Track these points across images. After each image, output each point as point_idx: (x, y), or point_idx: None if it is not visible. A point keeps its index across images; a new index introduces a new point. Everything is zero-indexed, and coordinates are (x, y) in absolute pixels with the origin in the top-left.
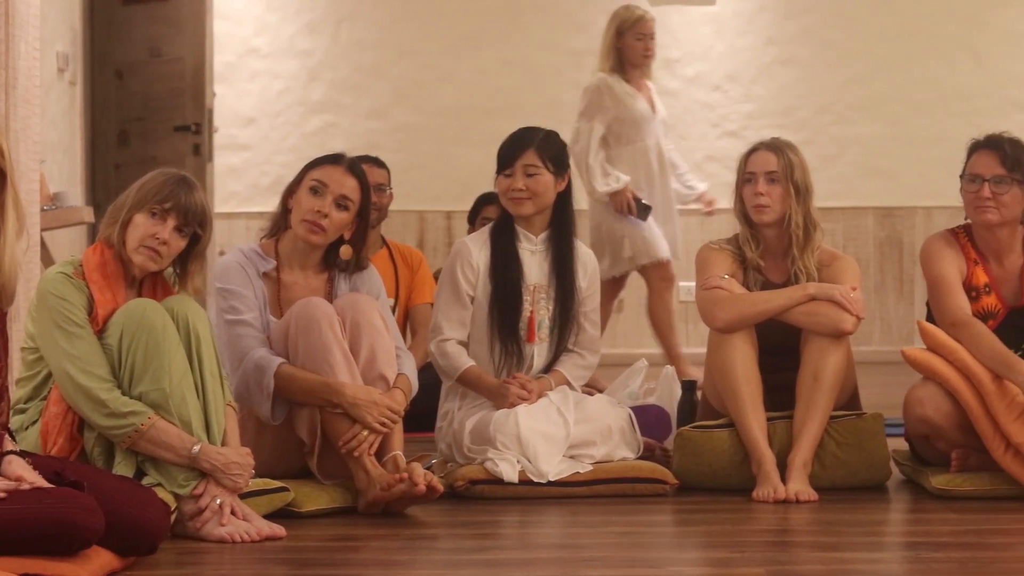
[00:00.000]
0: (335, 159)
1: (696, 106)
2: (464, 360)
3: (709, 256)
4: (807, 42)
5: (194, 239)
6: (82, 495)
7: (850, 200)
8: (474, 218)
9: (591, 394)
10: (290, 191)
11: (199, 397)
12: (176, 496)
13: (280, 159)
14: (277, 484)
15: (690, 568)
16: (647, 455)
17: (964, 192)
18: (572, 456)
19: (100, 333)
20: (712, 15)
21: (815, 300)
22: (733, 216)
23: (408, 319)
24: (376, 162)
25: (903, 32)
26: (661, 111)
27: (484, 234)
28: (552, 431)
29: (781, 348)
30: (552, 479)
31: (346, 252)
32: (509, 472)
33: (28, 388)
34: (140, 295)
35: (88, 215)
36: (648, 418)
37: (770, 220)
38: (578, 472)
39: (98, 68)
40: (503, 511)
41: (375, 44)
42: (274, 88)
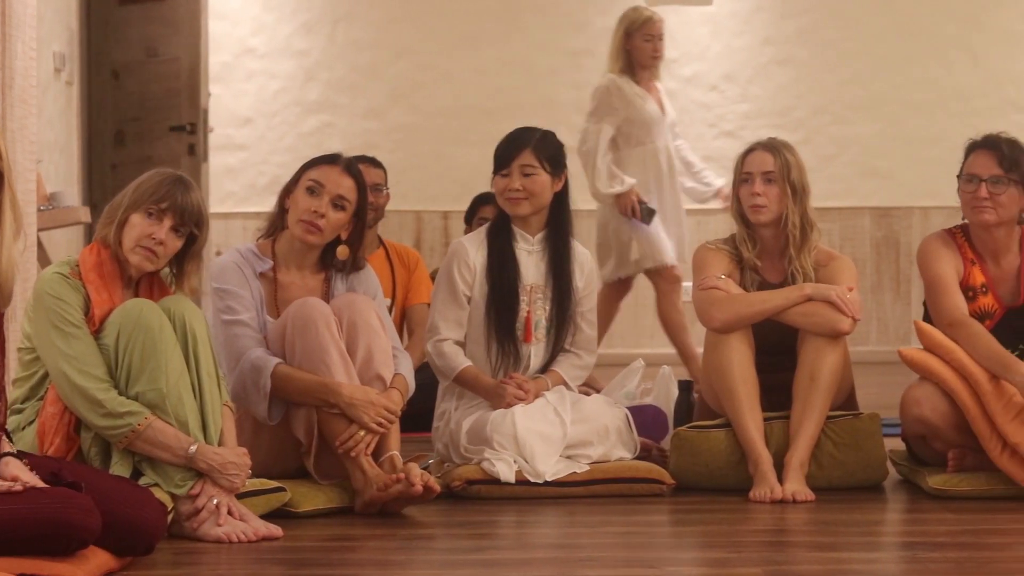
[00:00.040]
0: (332, 159)
1: (693, 106)
2: (461, 360)
3: (706, 256)
4: (804, 42)
5: (190, 239)
6: (79, 495)
7: (847, 200)
8: (471, 218)
9: (588, 394)
10: (287, 191)
11: (196, 397)
12: (173, 496)
13: (277, 159)
14: (274, 484)
15: (687, 568)
16: (644, 455)
17: (961, 192)
18: (569, 456)
19: (97, 333)
20: (709, 15)
21: (812, 300)
22: (730, 216)
23: (405, 319)
24: (373, 162)
25: (900, 32)
26: (670, 112)
27: (481, 234)
28: (549, 431)
29: (778, 348)
30: (549, 479)
31: (343, 252)
32: (506, 472)
33: (25, 388)
34: (137, 295)
35: (85, 215)
36: (645, 418)
37: (767, 220)
38: (575, 472)
39: (95, 68)
40: (500, 511)
41: (372, 44)
42: (271, 88)
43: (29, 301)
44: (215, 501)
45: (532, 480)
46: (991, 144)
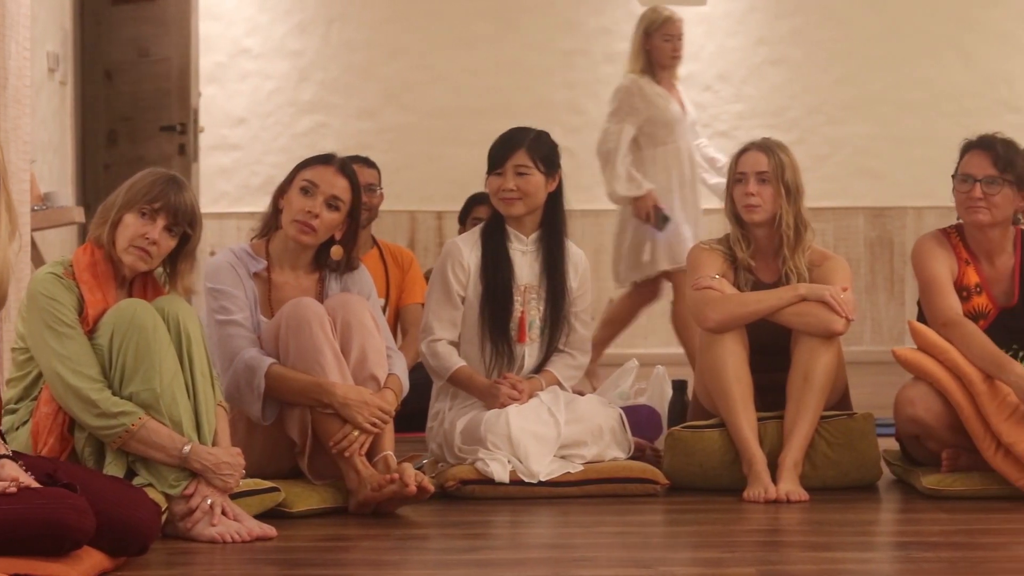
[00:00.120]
0: (326, 159)
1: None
2: (455, 360)
3: (700, 256)
4: (798, 42)
5: (184, 239)
6: (73, 496)
7: (841, 200)
8: (465, 218)
9: (582, 394)
10: (281, 191)
11: (190, 397)
12: (167, 496)
13: (271, 159)
14: (268, 484)
15: (681, 568)
16: (638, 455)
17: (956, 192)
18: (563, 456)
19: (90, 333)
20: (703, 15)
21: (806, 301)
22: (724, 216)
23: (399, 319)
24: (366, 162)
25: (893, 32)
26: (691, 111)
27: (475, 234)
28: (543, 431)
29: (772, 348)
30: (543, 479)
31: (337, 252)
32: (500, 472)
33: (18, 388)
34: (130, 295)
35: (78, 215)
36: (639, 418)
37: (761, 220)
38: (569, 472)
39: (88, 68)
40: (494, 511)
41: (366, 44)
42: (265, 88)
43: (23, 301)
44: (209, 501)
45: (526, 480)
46: (986, 144)
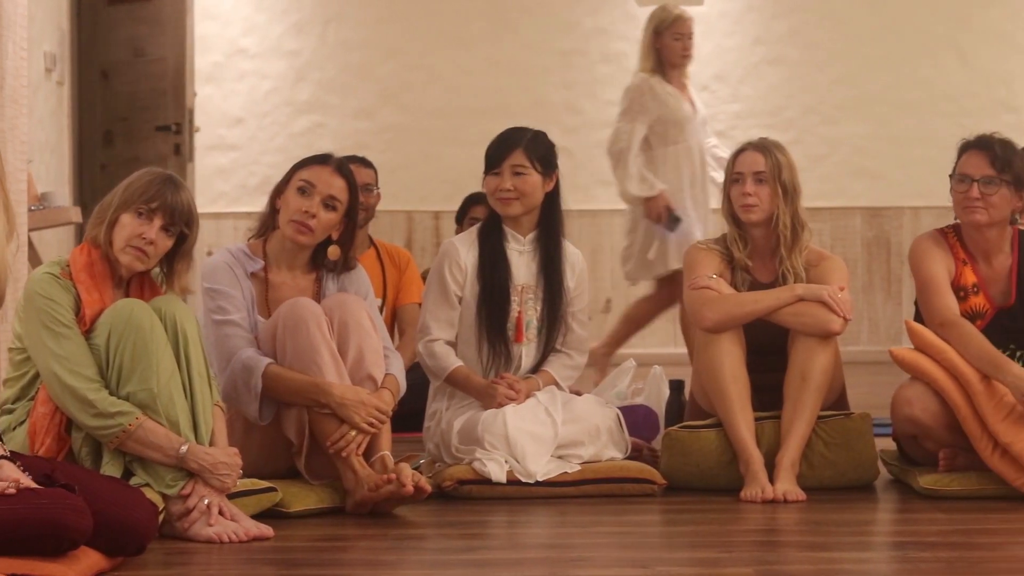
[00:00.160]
0: (323, 159)
1: None
2: (452, 360)
3: (697, 256)
4: (794, 42)
5: (181, 238)
6: (71, 496)
7: (838, 200)
8: (462, 218)
9: (579, 394)
10: (278, 191)
11: (187, 397)
12: (164, 496)
13: (268, 159)
14: (265, 484)
15: (678, 568)
16: (635, 455)
17: (953, 192)
18: (560, 456)
19: (87, 333)
20: (700, 15)
21: (803, 301)
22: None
23: (396, 319)
24: (363, 162)
25: (890, 32)
26: (701, 110)
27: (472, 234)
28: (540, 431)
29: (769, 348)
30: (540, 479)
31: (334, 252)
32: (497, 472)
33: (16, 388)
34: (127, 295)
35: (76, 215)
36: (636, 418)
37: (758, 220)
38: (566, 472)
39: (85, 68)
40: (491, 511)
41: (362, 44)
42: (262, 88)
43: (20, 301)
44: (206, 501)
45: (523, 480)
46: (984, 144)
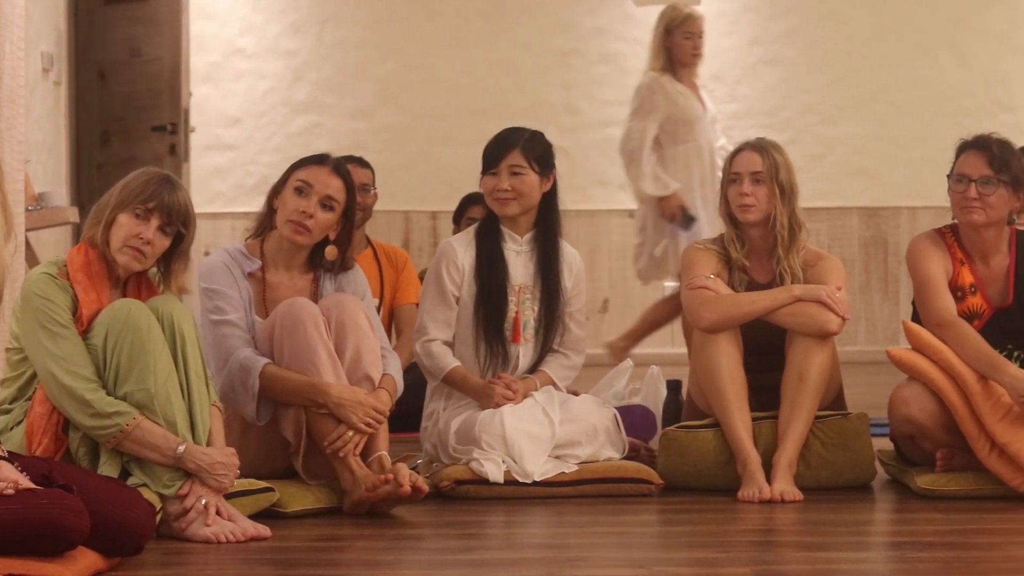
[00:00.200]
0: (320, 159)
1: None
2: (449, 360)
3: (695, 256)
4: (792, 42)
5: (178, 238)
6: (68, 496)
7: (835, 200)
8: (459, 218)
9: (576, 394)
10: (275, 191)
11: (184, 397)
12: (161, 496)
13: (265, 159)
14: (262, 484)
15: (676, 568)
16: (632, 455)
17: (951, 192)
18: (557, 456)
19: (85, 333)
20: None
21: (801, 301)
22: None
23: (393, 319)
24: (360, 162)
25: (888, 32)
26: (711, 109)
27: (469, 234)
28: (537, 431)
29: (766, 348)
30: (537, 479)
31: (331, 252)
32: (494, 472)
33: (13, 388)
34: (125, 295)
35: (73, 215)
36: (633, 418)
37: (755, 220)
38: (563, 472)
39: (82, 68)
40: (488, 511)
41: (360, 44)
42: (259, 88)
43: (17, 301)
44: (203, 501)
45: (520, 480)
46: (982, 144)
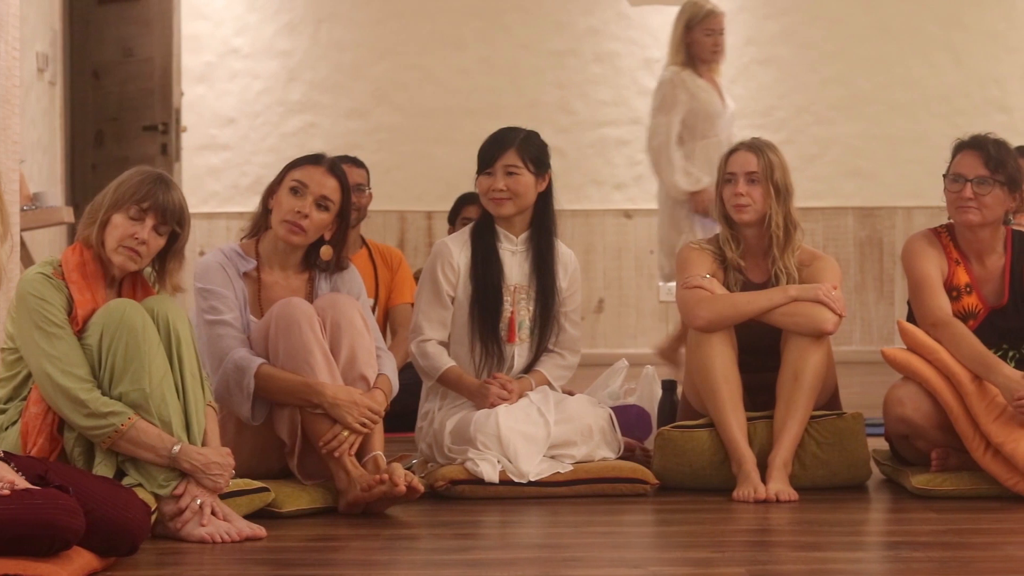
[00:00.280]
0: (315, 159)
1: None
2: (444, 360)
3: (690, 255)
4: (787, 42)
5: (172, 237)
6: (63, 496)
7: (830, 200)
8: (454, 218)
9: (571, 394)
10: (270, 191)
11: (179, 397)
12: (156, 496)
13: (260, 159)
14: (257, 484)
15: (671, 568)
16: (627, 455)
17: (947, 192)
18: (552, 456)
19: (80, 333)
20: None
21: (796, 301)
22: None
23: (388, 319)
24: (355, 162)
25: (883, 32)
26: (731, 105)
27: (464, 234)
28: (532, 431)
29: (761, 348)
30: (532, 479)
31: (326, 252)
32: (489, 472)
33: (8, 388)
34: (120, 295)
35: (68, 215)
36: (628, 418)
37: (750, 220)
38: (558, 472)
39: (76, 68)
40: (484, 511)
41: (355, 44)
42: (254, 88)
43: (12, 301)
44: (198, 501)
45: (516, 480)
46: (977, 144)
